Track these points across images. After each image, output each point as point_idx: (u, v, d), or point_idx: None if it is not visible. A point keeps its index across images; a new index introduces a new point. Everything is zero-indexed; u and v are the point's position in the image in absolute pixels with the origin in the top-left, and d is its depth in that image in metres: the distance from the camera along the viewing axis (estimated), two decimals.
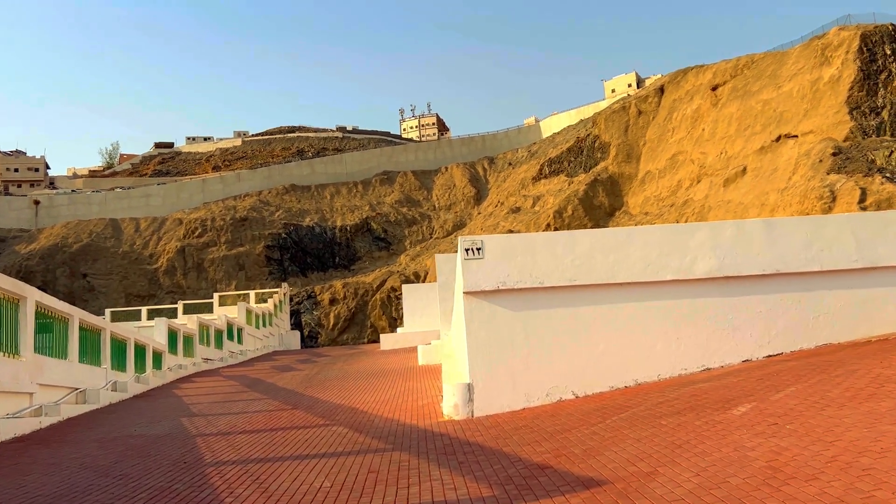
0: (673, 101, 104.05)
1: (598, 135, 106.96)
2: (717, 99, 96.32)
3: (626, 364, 10.04)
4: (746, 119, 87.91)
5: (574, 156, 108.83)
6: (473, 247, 9.95)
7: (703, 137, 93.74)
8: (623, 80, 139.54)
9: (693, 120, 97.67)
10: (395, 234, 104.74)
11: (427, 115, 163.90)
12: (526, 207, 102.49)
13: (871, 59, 76.79)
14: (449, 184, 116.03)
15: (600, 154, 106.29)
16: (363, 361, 27.89)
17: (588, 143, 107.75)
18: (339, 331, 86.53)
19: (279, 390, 17.64)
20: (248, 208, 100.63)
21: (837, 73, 78.35)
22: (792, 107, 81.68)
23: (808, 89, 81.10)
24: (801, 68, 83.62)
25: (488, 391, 9.82)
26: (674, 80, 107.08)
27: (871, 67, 76.30)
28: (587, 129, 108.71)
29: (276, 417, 12.05)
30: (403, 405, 12.41)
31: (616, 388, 9.93)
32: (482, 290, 9.93)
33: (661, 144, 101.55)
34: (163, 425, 11.97)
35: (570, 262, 10.05)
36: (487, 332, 9.93)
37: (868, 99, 75.12)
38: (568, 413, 8.59)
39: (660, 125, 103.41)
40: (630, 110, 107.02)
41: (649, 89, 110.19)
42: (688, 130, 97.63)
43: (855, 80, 76.11)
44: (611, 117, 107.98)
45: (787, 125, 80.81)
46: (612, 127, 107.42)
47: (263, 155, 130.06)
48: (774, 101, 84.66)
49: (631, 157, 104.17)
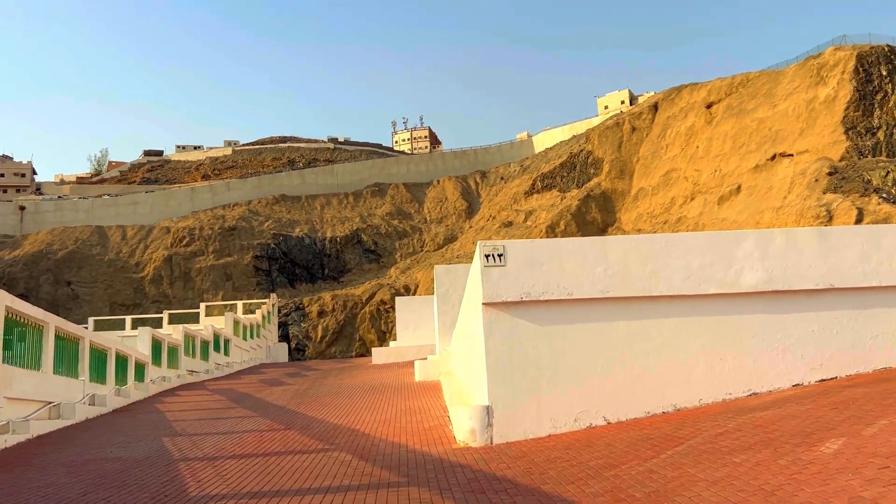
0: (667, 118, 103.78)
1: (591, 150, 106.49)
2: (712, 116, 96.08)
3: (663, 387, 9.00)
4: (741, 137, 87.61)
5: (567, 171, 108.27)
6: (494, 252, 8.92)
7: (697, 155, 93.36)
8: (616, 96, 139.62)
9: (687, 137, 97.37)
10: (385, 246, 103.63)
11: (419, 128, 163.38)
12: (518, 222, 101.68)
13: (867, 79, 76.66)
14: (441, 197, 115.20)
15: (593, 170, 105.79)
16: (356, 376, 26.72)
17: (581, 158, 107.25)
18: (327, 344, 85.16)
19: (269, 407, 16.49)
20: (236, 218, 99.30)
21: (833, 93, 78.19)
22: (787, 126, 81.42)
23: (803, 108, 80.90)
24: (797, 87, 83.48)
25: (509, 415, 8.75)
26: (668, 98, 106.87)
27: (866, 88, 76.17)
28: (580, 144, 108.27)
29: (269, 439, 10.93)
30: (408, 427, 11.31)
31: (653, 413, 8.89)
32: (504, 302, 8.89)
33: (654, 161, 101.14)
34: (142, 446, 10.82)
35: (601, 272, 9.03)
36: (509, 349, 8.88)
37: (864, 119, 74.94)
38: (606, 443, 7.54)
39: (653, 142, 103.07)
40: (623, 126, 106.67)
41: (643, 106, 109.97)
42: (682, 147, 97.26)
43: (851, 101, 75.93)
44: (604, 133, 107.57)
45: (782, 144, 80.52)
46: (605, 143, 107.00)
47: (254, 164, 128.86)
48: (770, 120, 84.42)
49: (624, 173, 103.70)
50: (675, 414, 8.74)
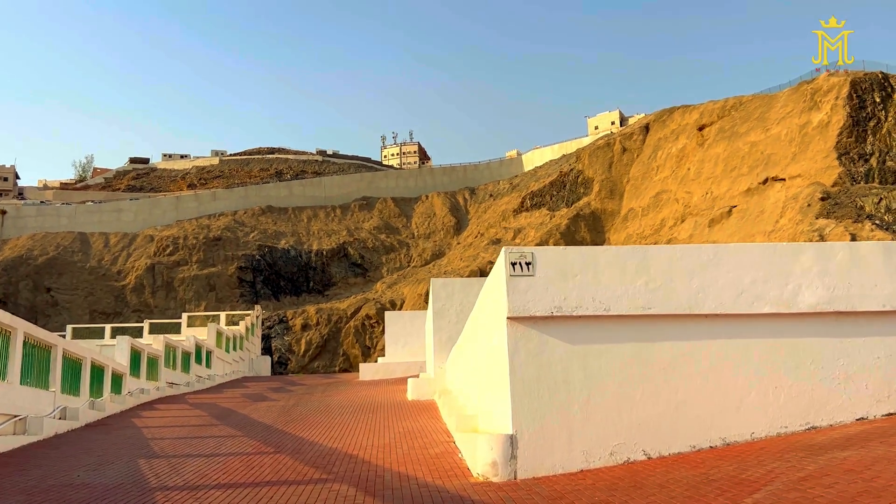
0: (658, 139, 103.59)
1: (581, 170, 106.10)
2: (704, 139, 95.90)
3: (711, 417, 7.96)
4: (733, 160, 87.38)
5: (556, 190, 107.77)
6: (522, 260, 7.87)
7: (688, 177, 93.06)
8: (606, 117, 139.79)
9: (678, 159, 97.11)
10: (372, 260, 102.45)
11: (408, 143, 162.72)
12: (507, 240, 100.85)
13: (860, 105, 76.69)
14: (429, 212, 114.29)
15: (583, 189, 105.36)
16: (344, 393, 25.52)
17: (571, 177, 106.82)
18: (311, 358, 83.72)
19: (255, 425, 15.30)
20: (222, 228, 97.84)
21: (826, 118, 78.13)
22: (780, 150, 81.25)
23: (796, 133, 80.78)
24: (790, 112, 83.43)
25: (536, 446, 7.67)
26: (659, 119, 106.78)
27: (860, 114, 76.17)
28: (570, 163, 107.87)
29: (258, 464, 9.77)
30: (412, 453, 10.20)
31: (699, 447, 7.85)
32: (531, 316, 7.83)
33: (644, 182, 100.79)
34: (115, 469, 9.64)
35: (643, 286, 8.00)
36: (536, 370, 7.81)
37: (857, 145, 74.83)
38: (657, 484, 6.48)
39: (644, 163, 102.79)
40: (614, 147, 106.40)
41: (634, 127, 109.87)
42: (672, 169, 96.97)
43: (844, 126, 75.84)
44: (595, 153, 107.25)
45: (774, 168, 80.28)
46: (595, 162, 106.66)
47: (241, 175, 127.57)
48: (762, 144, 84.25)
49: (614, 193, 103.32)
50: (726, 449, 7.71)
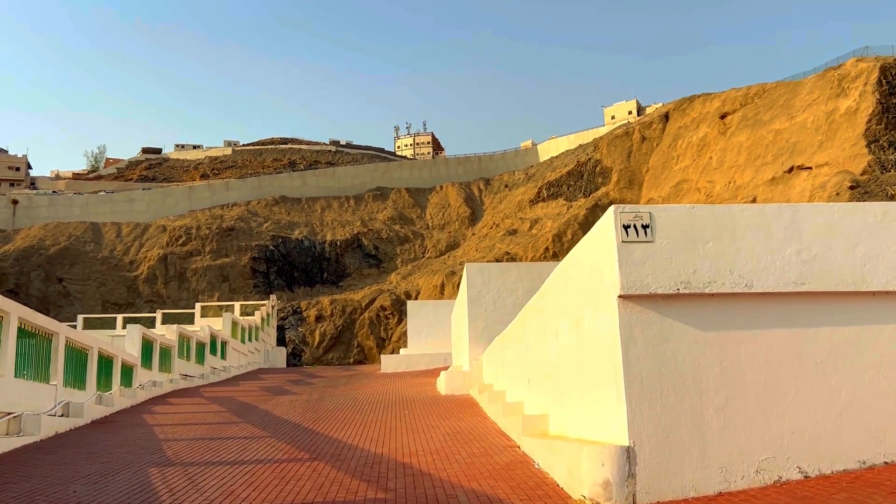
0: (678, 128, 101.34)
1: (599, 159, 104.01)
2: (726, 127, 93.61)
3: (885, 424, 6.21)
4: (757, 149, 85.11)
5: (574, 180, 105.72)
6: (637, 222, 6.12)
7: (710, 166, 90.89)
8: (623, 106, 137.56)
9: (699, 148, 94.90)
10: (386, 251, 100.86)
11: (422, 134, 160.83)
12: (523, 230, 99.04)
13: (890, 91, 74.30)
14: (443, 203, 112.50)
15: (601, 179, 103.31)
16: (368, 386, 23.91)
17: (589, 167, 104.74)
18: (325, 349, 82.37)
19: (280, 423, 13.64)
20: (235, 218, 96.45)
21: (855, 105, 75.75)
22: (806, 138, 78.93)
23: (822, 120, 78.42)
24: (816, 99, 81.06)
25: (661, 461, 5.93)
26: (679, 108, 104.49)
27: (890, 100, 73.78)
28: (588, 153, 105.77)
29: (293, 475, 8.09)
30: (475, 462, 8.49)
31: (871, 464, 6.11)
32: (651, 294, 6.08)
33: (664, 172, 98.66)
34: (120, 481, 7.97)
35: (793, 255, 6.25)
36: (658, 365, 6.07)
37: (887, 132, 72.44)
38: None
39: (664, 152, 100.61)
40: (633, 136, 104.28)
41: (653, 116, 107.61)
42: (693, 159, 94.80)
43: (873, 113, 73.47)
44: (613, 142, 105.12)
45: (800, 156, 78.01)
46: (614, 152, 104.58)
47: (254, 165, 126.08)
48: (787, 132, 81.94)
49: (633, 183, 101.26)
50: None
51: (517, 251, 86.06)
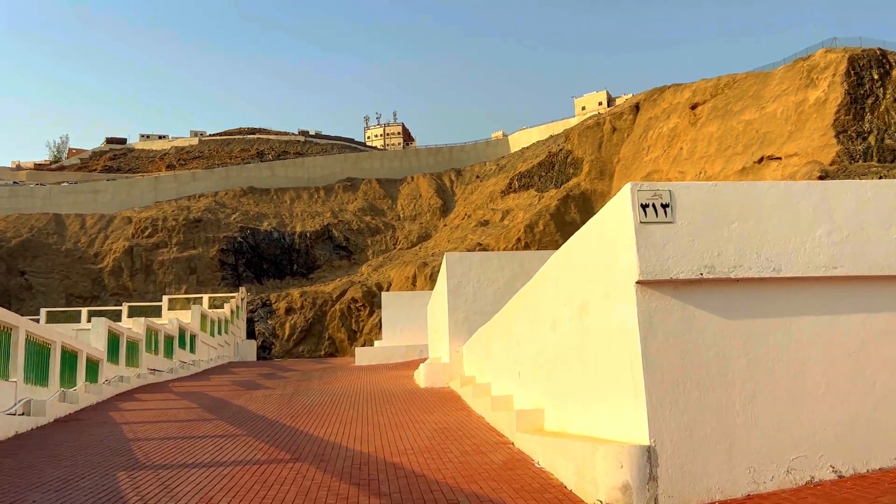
0: (649, 118, 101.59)
1: (570, 150, 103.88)
2: (697, 118, 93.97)
3: None
4: (727, 139, 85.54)
5: (545, 171, 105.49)
6: (657, 201, 5.60)
7: (680, 157, 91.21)
8: (594, 97, 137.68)
9: (670, 139, 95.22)
10: (357, 242, 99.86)
11: (392, 124, 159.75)
12: (495, 221, 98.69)
13: (858, 82, 75.03)
14: (414, 194, 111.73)
15: (572, 170, 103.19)
16: (343, 380, 23.30)
17: (560, 158, 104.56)
18: (295, 342, 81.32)
19: (256, 420, 13.00)
20: (202, 209, 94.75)
21: (824, 96, 76.40)
22: (775, 128, 79.47)
23: (792, 111, 79.00)
24: (786, 89, 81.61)
25: (684, 462, 5.44)
26: (650, 98, 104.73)
27: (858, 91, 74.51)
28: (559, 143, 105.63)
29: (276, 479, 7.48)
30: (470, 461, 7.95)
31: None
32: (672, 280, 5.57)
33: (635, 162, 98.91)
34: (86, 489, 7.30)
35: (824, 236, 5.78)
36: (680, 356, 5.57)
37: (855, 123, 73.17)
38: None
39: (635, 143, 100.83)
40: (604, 127, 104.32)
41: (624, 106, 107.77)
42: (664, 149, 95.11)
43: (842, 104, 74.16)
44: (584, 133, 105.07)
45: (770, 147, 78.52)
46: (585, 143, 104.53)
47: (221, 155, 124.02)
48: (757, 122, 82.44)
49: (604, 173, 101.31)
50: None
51: (489, 242, 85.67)
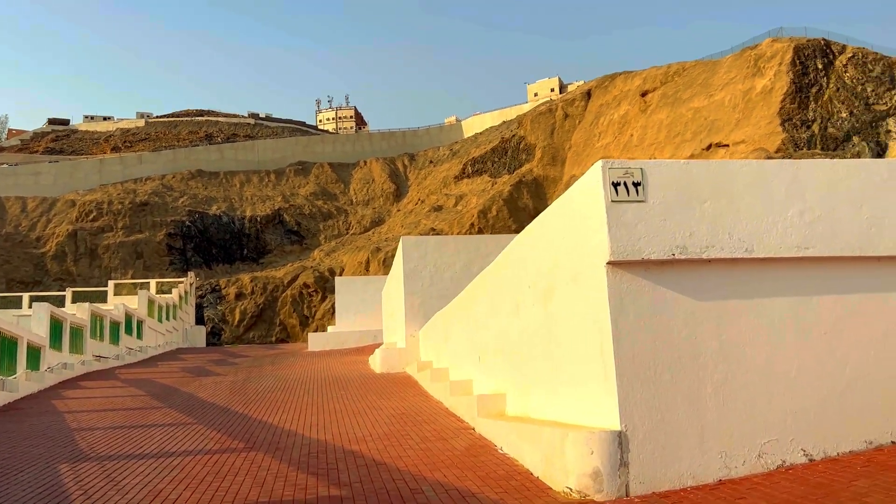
0: (600, 105, 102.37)
1: (523, 136, 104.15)
2: (647, 105, 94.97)
3: (890, 402, 5.75)
4: (676, 126, 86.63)
5: (498, 156, 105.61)
6: (628, 179, 5.43)
7: (631, 143, 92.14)
8: (546, 84, 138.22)
9: (621, 125, 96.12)
10: (308, 227, 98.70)
11: (345, 108, 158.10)
12: (448, 206, 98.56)
13: (803, 72, 76.58)
14: (367, 178, 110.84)
15: (525, 155, 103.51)
16: (296, 366, 22.91)
17: (513, 143, 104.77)
18: (246, 328, 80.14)
19: (207, 407, 12.59)
20: (149, 192, 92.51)
21: (770, 85, 77.82)
22: (723, 116, 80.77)
23: (739, 99, 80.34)
24: (733, 78, 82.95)
25: (656, 447, 5.30)
26: (601, 85, 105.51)
27: (803, 80, 76.06)
28: (512, 129, 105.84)
29: (229, 469, 7.16)
30: (432, 448, 7.74)
31: (878, 444, 5.64)
32: (644, 260, 5.41)
33: (587, 149, 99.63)
34: (24, 483, 6.88)
35: (796, 216, 5.68)
36: (652, 339, 5.42)
37: (800, 112, 74.73)
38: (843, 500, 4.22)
39: (586, 129, 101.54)
40: (556, 113, 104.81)
41: (576, 93, 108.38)
42: (615, 136, 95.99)
43: (787, 93, 75.65)
44: (536, 119, 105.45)
45: (718, 134, 79.77)
46: (537, 129, 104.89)
47: (168, 138, 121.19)
48: (705, 110, 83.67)
49: (556, 160, 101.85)
50: None
51: (443, 227, 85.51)
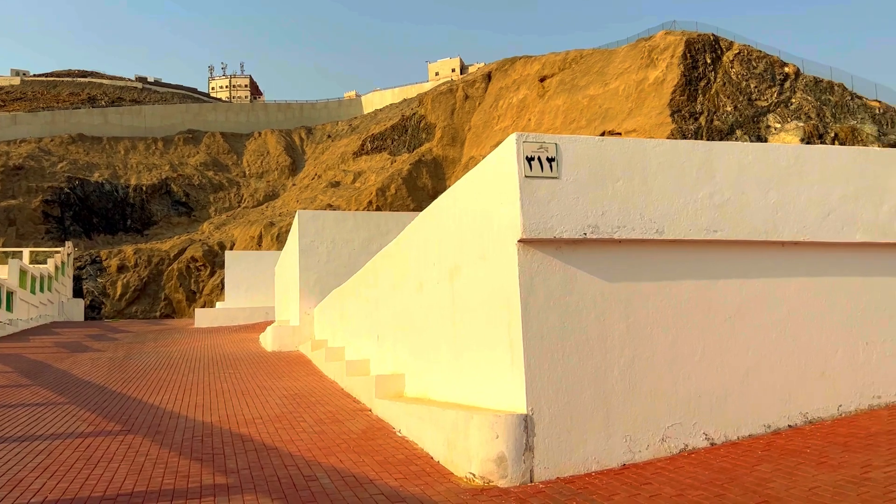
0: (500, 88, 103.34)
1: (424, 115, 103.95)
2: (545, 91, 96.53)
3: (788, 386, 5.79)
4: (572, 113, 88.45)
5: (398, 134, 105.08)
6: (542, 154, 5.20)
7: (528, 127, 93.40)
8: (448, 63, 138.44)
9: (519, 109, 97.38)
10: (198, 199, 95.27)
11: (240, 76, 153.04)
12: (346, 183, 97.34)
13: (693, 65, 79.56)
14: (262, 150, 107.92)
15: (425, 135, 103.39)
16: (182, 342, 21.93)
17: (413, 122, 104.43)
18: (128, 302, 76.71)
19: (82, 386, 11.72)
20: (24, 156, 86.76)
21: (662, 76, 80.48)
22: (617, 105, 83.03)
23: (633, 89, 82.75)
24: (628, 68, 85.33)
25: (562, 431, 5.13)
26: (501, 68, 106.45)
27: (692, 74, 79.03)
28: (413, 108, 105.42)
29: (104, 455, 6.55)
30: (326, 430, 7.37)
31: (776, 428, 5.67)
32: (555, 239, 5.21)
33: (486, 131, 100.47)
34: None
35: (706, 198, 5.61)
36: (561, 320, 5.23)
37: (688, 104, 77.66)
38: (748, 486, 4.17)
39: (486, 111, 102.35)
40: (457, 93, 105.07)
41: (477, 75, 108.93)
42: (513, 119, 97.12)
43: (678, 85, 78.41)
44: (437, 98, 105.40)
45: (611, 122, 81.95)
46: (438, 108, 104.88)
47: (47, 98, 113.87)
48: (601, 98, 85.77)
49: (456, 140, 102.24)
50: (810, 428, 5.60)
51: (340, 203, 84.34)
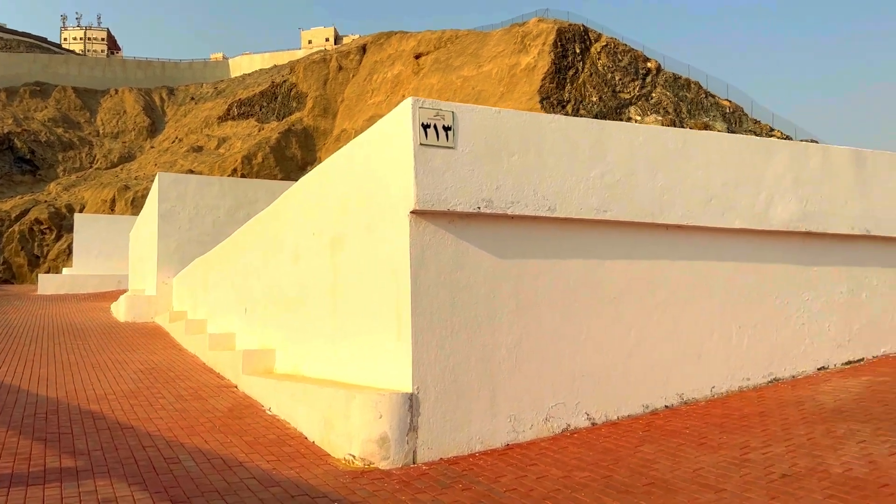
0: (374, 62, 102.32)
1: (295, 83, 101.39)
2: (420, 68, 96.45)
3: (666, 367, 5.86)
4: (446, 92, 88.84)
5: (267, 101, 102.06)
6: (438, 122, 4.95)
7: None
8: (321, 32, 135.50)
9: (394, 85, 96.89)
10: (45, 157, 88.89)
11: (96, 28, 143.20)
12: (210, 148, 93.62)
13: (563, 54, 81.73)
14: (118, 109, 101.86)
15: (296, 103, 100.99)
16: (24, 310, 20.29)
17: (284, 90, 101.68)
18: None
19: None
20: None
21: (533, 63, 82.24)
22: (489, 87, 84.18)
23: (505, 73, 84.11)
24: (502, 52, 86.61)
25: (446, 411, 4.94)
26: (377, 42, 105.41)
27: (562, 62, 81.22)
28: (283, 75, 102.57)
29: None
30: (188, 407, 6.87)
31: (653, 408, 5.72)
32: (448, 212, 4.98)
33: (359, 104, 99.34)
34: None
35: (598, 178, 5.54)
36: (451, 295, 5.02)
37: (557, 91, 79.82)
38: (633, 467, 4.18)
39: (359, 84, 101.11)
40: (331, 63, 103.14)
41: (352, 46, 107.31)
42: (387, 94, 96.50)
43: (548, 72, 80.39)
44: (310, 67, 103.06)
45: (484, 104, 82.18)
46: (310, 77, 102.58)
47: None
48: (474, 79, 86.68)
49: (328, 112, 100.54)
50: (686, 409, 5.70)
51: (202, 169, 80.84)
